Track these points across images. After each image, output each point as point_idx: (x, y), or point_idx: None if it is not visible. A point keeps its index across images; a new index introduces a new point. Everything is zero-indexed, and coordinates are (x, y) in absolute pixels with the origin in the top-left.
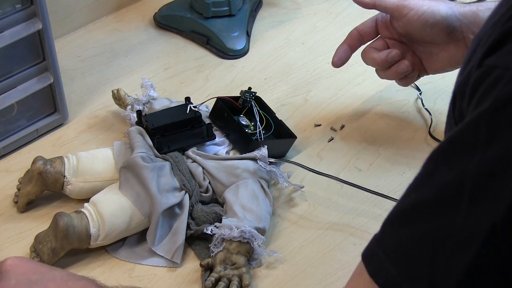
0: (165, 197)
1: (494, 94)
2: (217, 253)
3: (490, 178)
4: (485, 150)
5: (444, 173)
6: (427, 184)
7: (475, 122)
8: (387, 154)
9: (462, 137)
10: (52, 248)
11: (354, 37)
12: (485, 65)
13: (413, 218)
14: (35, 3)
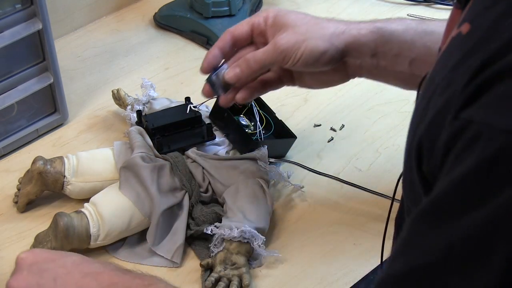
0: (165, 197)
1: (477, 153)
2: (217, 253)
3: (480, 242)
4: (474, 213)
5: (433, 237)
6: (416, 248)
7: (460, 183)
8: (387, 154)
9: (449, 199)
10: (52, 248)
11: (226, 41)
12: (461, 119)
13: (404, 285)
14: (35, 3)
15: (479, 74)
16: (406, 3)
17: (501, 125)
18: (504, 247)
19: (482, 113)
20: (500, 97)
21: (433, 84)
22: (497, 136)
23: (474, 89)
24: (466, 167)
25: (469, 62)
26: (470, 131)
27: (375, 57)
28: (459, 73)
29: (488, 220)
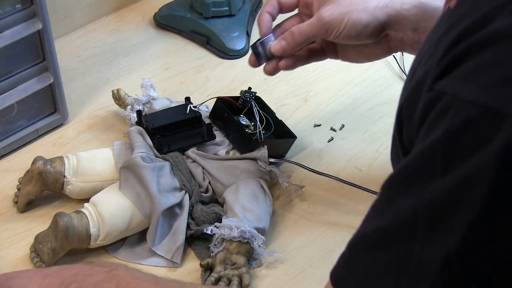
0: (165, 197)
1: (445, 124)
2: (217, 253)
3: (443, 208)
4: (439, 180)
5: (401, 201)
6: (386, 211)
7: (429, 151)
8: (387, 154)
9: (418, 165)
10: (52, 248)
11: (274, 6)
12: (434, 90)
13: (375, 245)
14: (35, 3)
15: (454, 47)
16: None
17: (469, 96)
18: (466, 214)
19: (453, 85)
20: (471, 70)
21: (419, 56)
22: (465, 107)
23: (448, 62)
24: (435, 136)
25: (450, 35)
26: (442, 102)
27: (416, 31)
28: (441, 46)
29: (452, 187)
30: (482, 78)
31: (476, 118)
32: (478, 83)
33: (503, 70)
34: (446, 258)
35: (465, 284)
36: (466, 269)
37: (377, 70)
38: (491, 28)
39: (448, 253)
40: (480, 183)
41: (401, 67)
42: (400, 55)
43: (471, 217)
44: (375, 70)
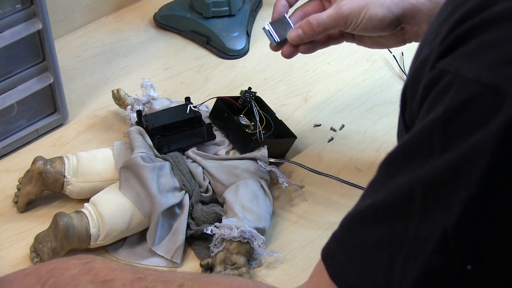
0: (165, 197)
1: (446, 102)
2: (217, 253)
3: (440, 186)
4: (437, 158)
5: (398, 178)
6: (383, 187)
7: (429, 129)
8: None
9: (417, 143)
10: (52, 248)
11: None
12: (437, 68)
13: (370, 221)
14: (35, 3)
15: (458, 27)
16: None
17: (471, 75)
18: (464, 192)
19: (455, 63)
20: (474, 49)
21: (425, 37)
22: (466, 86)
23: (452, 40)
24: (435, 114)
25: (454, 15)
26: (444, 80)
27: None
28: (446, 25)
29: (450, 165)
30: (484, 58)
31: (477, 97)
32: (480, 62)
33: (505, 51)
34: (442, 236)
35: (461, 262)
36: (463, 247)
37: (377, 70)
38: (496, 9)
39: (445, 230)
40: (478, 162)
41: (401, 67)
42: (400, 55)
43: (469, 195)
44: (375, 70)
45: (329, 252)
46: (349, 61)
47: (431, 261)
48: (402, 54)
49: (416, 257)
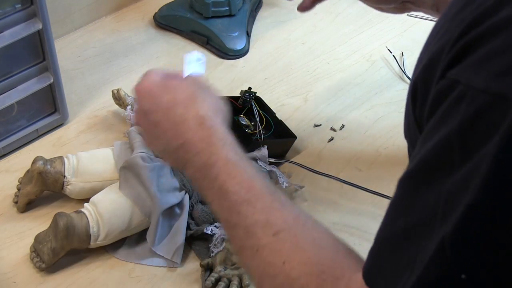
0: (165, 197)
1: (461, 114)
2: (217, 253)
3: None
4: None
5: (424, 196)
6: (411, 207)
7: (447, 142)
8: (387, 154)
9: (437, 158)
10: (52, 248)
11: None
12: (447, 78)
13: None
14: (35, 3)
15: (466, 34)
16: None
17: (481, 85)
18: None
19: (465, 74)
20: (482, 58)
21: (436, 29)
22: (478, 97)
23: (460, 49)
24: (451, 127)
25: (464, 14)
26: (456, 91)
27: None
28: (455, 24)
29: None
30: (492, 66)
31: (488, 106)
32: (489, 72)
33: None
34: (440, 245)
35: (456, 271)
36: (457, 255)
37: (377, 70)
38: (502, 14)
39: (443, 239)
40: (481, 170)
41: (401, 67)
42: (400, 55)
43: (467, 203)
44: (375, 70)
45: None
46: (349, 61)
47: (428, 270)
48: (402, 54)
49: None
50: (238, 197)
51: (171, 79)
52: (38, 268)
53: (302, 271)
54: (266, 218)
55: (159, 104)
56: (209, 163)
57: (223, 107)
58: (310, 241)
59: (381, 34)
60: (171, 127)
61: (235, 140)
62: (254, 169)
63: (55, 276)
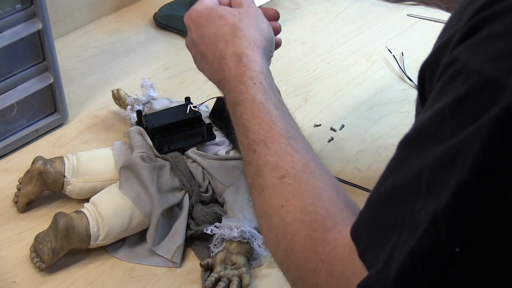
0: (165, 197)
1: (455, 90)
2: (217, 253)
3: (441, 170)
4: (444, 143)
5: (412, 160)
6: (400, 169)
7: (440, 115)
8: (387, 154)
9: (430, 127)
10: (52, 248)
11: None
12: (452, 55)
13: (388, 202)
14: (35, 3)
15: (475, 16)
16: (406, 3)
17: (476, 66)
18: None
19: (465, 53)
20: (481, 40)
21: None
22: (471, 76)
23: (467, 29)
24: (446, 100)
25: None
26: (454, 67)
27: None
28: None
29: (450, 150)
30: (489, 49)
31: (480, 88)
32: (485, 54)
33: (508, 43)
34: (433, 218)
35: (450, 244)
36: (451, 230)
37: (377, 70)
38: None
39: (436, 212)
40: (473, 148)
41: (401, 67)
42: (400, 55)
43: (460, 179)
44: (375, 70)
45: (356, 231)
46: (349, 61)
47: (421, 241)
48: (402, 54)
49: (411, 237)
50: (256, 136)
51: (217, 7)
52: (38, 268)
53: (296, 217)
54: (276, 161)
55: (204, 36)
56: (236, 101)
57: (266, 34)
58: (311, 190)
59: (381, 34)
60: (213, 61)
61: (269, 76)
62: (279, 112)
63: (55, 276)
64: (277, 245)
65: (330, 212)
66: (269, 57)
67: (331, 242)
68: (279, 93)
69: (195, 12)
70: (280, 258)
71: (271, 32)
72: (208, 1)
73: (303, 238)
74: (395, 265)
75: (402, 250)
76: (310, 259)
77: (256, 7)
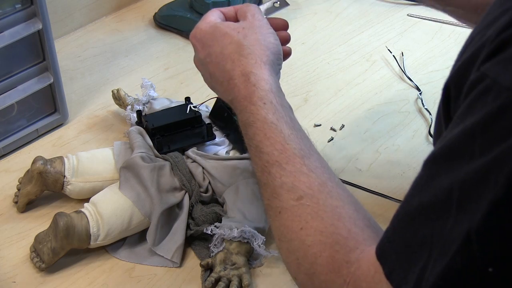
0: (165, 197)
1: (485, 107)
2: (217, 253)
3: (473, 188)
4: (476, 161)
5: (441, 179)
6: (427, 188)
7: (470, 132)
8: (387, 154)
9: (459, 145)
10: (52, 248)
11: None
12: (480, 71)
13: (416, 221)
14: (35, 3)
15: (504, 31)
16: (406, 3)
17: (506, 82)
18: (490, 194)
19: (495, 69)
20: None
21: (471, 37)
22: (502, 93)
23: (496, 45)
24: (476, 118)
25: (503, 19)
26: (483, 84)
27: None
28: (494, 27)
29: (482, 168)
30: None
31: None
32: None
33: None
34: (465, 237)
35: (483, 264)
36: (484, 249)
37: (377, 70)
38: None
39: (469, 232)
40: (507, 165)
41: (401, 67)
42: (400, 55)
43: (494, 198)
44: (375, 70)
45: (382, 250)
46: (349, 61)
47: (453, 261)
48: (402, 54)
49: (443, 256)
50: (270, 158)
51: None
52: (38, 268)
53: (317, 239)
54: (292, 182)
55: (211, 56)
56: (248, 122)
57: (272, 48)
58: (330, 210)
59: (381, 34)
60: (222, 81)
61: (279, 93)
62: (292, 130)
63: (55, 276)
64: (298, 268)
65: (351, 232)
66: (278, 71)
67: (354, 263)
68: (291, 110)
69: (200, 31)
70: (302, 281)
71: (278, 44)
72: (213, 18)
73: (325, 260)
74: (426, 285)
75: (433, 270)
76: (334, 281)
77: (261, 17)
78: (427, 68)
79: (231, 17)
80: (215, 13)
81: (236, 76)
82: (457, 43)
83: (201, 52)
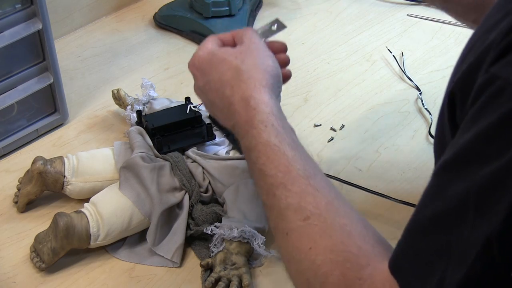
0: (165, 197)
1: (500, 109)
2: (217, 253)
3: (490, 192)
4: (492, 164)
5: (455, 185)
6: (441, 196)
7: (485, 135)
8: (387, 154)
9: (473, 149)
10: (52, 248)
11: None
12: (489, 73)
13: (430, 231)
14: (35, 3)
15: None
16: (406, 3)
17: None
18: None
19: (507, 70)
20: None
21: (471, 42)
22: None
23: (505, 46)
24: (490, 120)
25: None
26: (495, 85)
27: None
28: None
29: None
30: None
31: None
32: None
33: None
34: (486, 242)
35: (505, 269)
36: (506, 254)
37: (377, 70)
38: None
39: (489, 237)
40: None
41: (401, 67)
42: (400, 55)
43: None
44: (375, 70)
45: (396, 264)
46: (349, 61)
47: (473, 268)
48: (402, 54)
49: (462, 263)
50: (275, 180)
51: (218, 51)
52: (38, 268)
53: (327, 258)
54: (298, 202)
55: (210, 83)
56: (250, 146)
57: (271, 71)
58: (339, 228)
59: (381, 34)
60: (222, 108)
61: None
62: (295, 152)
63: (55, 276)
64: None
65: (361, 249)
66: (278, 94)
67: (367, 279)
68: (293, 132)
69: (198, 59)
70: None
71: (277, 67)
72: (210, 44)
73: (337, 279)
74: None
75: (452, 279)
76: None
77: (259, 41)
78: (427, 68)
79: (228, 42)
80: (212, 40)
81: (236, 101)
82: (457, 43)
83: (200, 80)
